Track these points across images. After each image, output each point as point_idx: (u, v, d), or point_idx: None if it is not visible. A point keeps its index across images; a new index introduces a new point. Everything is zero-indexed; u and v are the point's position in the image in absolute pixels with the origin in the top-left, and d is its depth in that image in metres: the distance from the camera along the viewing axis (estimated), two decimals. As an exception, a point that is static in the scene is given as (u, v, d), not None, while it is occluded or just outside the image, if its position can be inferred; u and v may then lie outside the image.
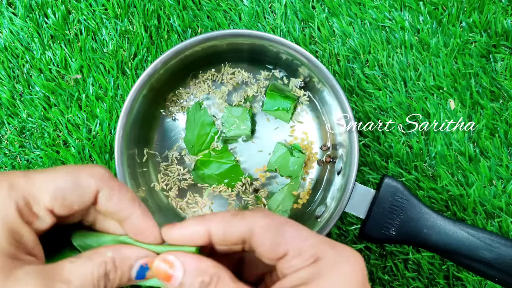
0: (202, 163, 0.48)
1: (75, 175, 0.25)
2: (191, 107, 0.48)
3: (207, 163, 0.48)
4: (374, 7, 0.50)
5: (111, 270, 0.25)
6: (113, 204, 0.26)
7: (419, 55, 0.49)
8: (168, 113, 0.48)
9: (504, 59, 0.49)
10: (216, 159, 0.48)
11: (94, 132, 0.49)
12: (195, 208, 0.48)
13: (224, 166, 0.48)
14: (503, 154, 0.48)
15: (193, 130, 0.48)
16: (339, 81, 0.50)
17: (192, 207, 0.48)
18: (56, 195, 0.24)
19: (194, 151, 0.48)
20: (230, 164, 0.48)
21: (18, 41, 0.50)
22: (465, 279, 0.48)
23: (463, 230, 0.40)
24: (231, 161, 0.48)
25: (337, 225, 0.49)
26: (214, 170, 0.48)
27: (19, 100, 0.50)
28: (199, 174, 0.48)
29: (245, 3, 0.50)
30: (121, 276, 0.25)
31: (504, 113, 0.49)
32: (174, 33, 0.50)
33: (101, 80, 0.49)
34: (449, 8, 0.49)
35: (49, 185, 0.24)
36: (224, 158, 0.48)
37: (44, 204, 0.24)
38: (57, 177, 0.25)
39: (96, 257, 0.25)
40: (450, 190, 0.48)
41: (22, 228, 0.24)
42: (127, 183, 0.43)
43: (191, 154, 0.48)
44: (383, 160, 0.49)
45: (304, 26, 0.50)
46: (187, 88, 0.49)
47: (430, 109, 0.49)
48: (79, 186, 0.25)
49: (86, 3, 0.50)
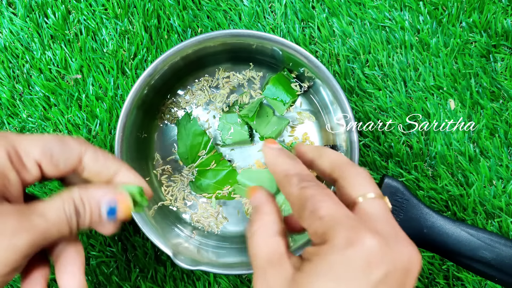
0: (199, 173, 0.48)
1: (62, 138, 0.28)
2: (181, 119, 0.48)
3: (204, 173, 0.48)
4: (374, 7, 0.50)
5: (79, 205, 0.27)
6: (100, 164, 0.29)
7: (419, 55, 0.49)
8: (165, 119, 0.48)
9: (504, 59, 0.49)
10: (212, 168, 0.48)
11: (94, 132, 0.49)
12: (210, 219, 0.48)
13: (221, 174, 0.48)
14: (503, 154, 0.48)
15: (185, 142, 0.48)
16: (339, 81, 0.50)
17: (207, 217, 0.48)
18: (45, 150, 0.27)
19: (189, 163, 0.48)
20: (227, 170, 0.48)
21: (18, 41, 0.50)
22: (465, 279, 0.48)
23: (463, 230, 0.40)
24: (227, 167, 0.48)
25: (337, 225, 0.49)
26: (211, 178, 0.48)
27: (19, 100, 0.50)
28: (197, 184, 0.48)
29: (245, 3, 0.50)
30: (91, 213, 0.27)
31: (504, 113, 0.49)
32: (174, 33, 0.50)
33: (101, 80, 0.49)
34: (449, 8, 0.49)
35: (39, 141, 0.27)
36: (219, 165, 0.48)
37: (33, 156, 0.27)
38: (46, 137, 0.28)
39: (64, 194, 0.27)
40: (450, 190, 0.48)
41: (10, 172, 0.26)
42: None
43: (186, 166, 0.48)
44: (383, 160, 0.49)
45: (304, 26, 0.50)
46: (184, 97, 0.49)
47: (430, 109, 0.49)
48: (66, 146, 0.28)
49: (86, 3, 0.50)
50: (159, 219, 0.45)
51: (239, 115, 0.47)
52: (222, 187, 0.48)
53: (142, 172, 0.47)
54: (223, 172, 0.48)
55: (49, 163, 0.27)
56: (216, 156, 0.48)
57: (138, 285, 0.49)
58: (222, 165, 0.48)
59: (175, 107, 0.48)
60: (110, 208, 0.27)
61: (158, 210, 0.46)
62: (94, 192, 0.27)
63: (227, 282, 0.48)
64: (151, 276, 0.49)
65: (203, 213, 0.48)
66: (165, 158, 0.48)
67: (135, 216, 0.42)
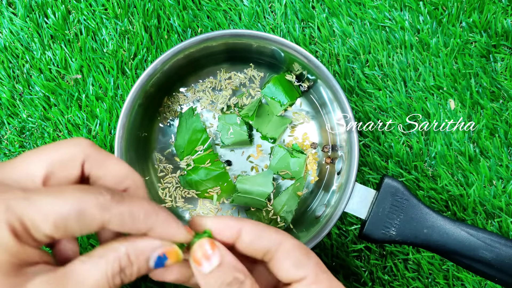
0: (191, 169, 0.48)
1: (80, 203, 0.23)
2: (184, 112, 0.48)
3: (196, 169, 0.48)
4: (374, 7, 0.50)
5: (126, 265, 0.24)
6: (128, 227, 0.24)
7: (419, 55, 0.49)
8: (163, 119, 0.48)
9: (504, 59, 0.49)
10: (205, 166, 0.48)
11: (94, 132, 0.49)
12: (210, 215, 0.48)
13: (213, 173, 0.48)
14: (503, 154, 0.48)
15: (184, 135, 0.48)
16: (339, 81, 0.50)
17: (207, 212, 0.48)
18: (57, 224, 0.22)
19: (183, 157, 0.48)
20: (219, 171, 0.48)
21: (18, 41, 0.50)
22: (465, 279, 0.48)
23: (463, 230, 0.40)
24: (220, 168, 0.48)
25: (337, 225, 0.49)
26: (202, 176, 0.48)
27: (19, 100, 0.50)
28: (187, 179, 0.48)
29: (245, 3, 0.50)
30: (138, 269, 0.24)
31: (504, 113, 0.49)
32: (174, 33, 0.50)
33: (101, 80, 0.49)
34: (449, 8, 0.49)
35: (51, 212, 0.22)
36: (213, 165, 0.48)
37: (43, 232, 0.22)
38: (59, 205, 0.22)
39: (109, 254, 0.23)
40: (450, 190, 0.48)
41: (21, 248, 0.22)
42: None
43: (180, 159, 0.48)
44: (383, 160, 0.49)
45: (304, 26, 0.50)
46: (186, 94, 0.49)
47: (430, 109, 0.49)
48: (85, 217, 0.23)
49: (86, 3, 0.50)
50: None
51: (238, 115, 0.47)
52: (212, 186, 0.47)
53: (142, 172, 0.47)
54: (215, 172, 0.48)
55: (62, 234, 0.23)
56: (212, 155, 0.48)
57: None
58: (216, 165, 0.48)
59: (176, 104, 0.48)
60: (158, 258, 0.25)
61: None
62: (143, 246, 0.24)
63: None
64: (151, 276, 0.49)
65: (202, 209, 0.48)
66: (164, 155, 0.48)
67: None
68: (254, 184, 0.47)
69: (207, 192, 0.48)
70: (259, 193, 0.47)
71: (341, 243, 0.49)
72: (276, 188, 0.48)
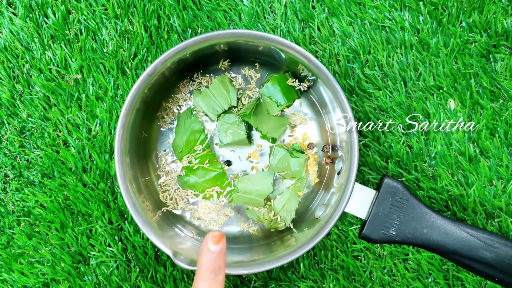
0: (188, 169, 0.48)
1: None
2: (182, 112, 0.48)
3: (194, 170, 0.48)
4: (374, 7, 0.50)
5: None
6: None
7: (419, 55, 0.49)
8: (162, 122, 0.48)
9: (504, 59, 0.49)
10: (202, 167, 0.48)
11: (94, 132, 0.49)
12: (211, 214, 0.48)
13: (210, 174, 0.48)
14: (503, 154, 0.48)
15: (182, 135, 0.48)
16: (339, 81, 0.50)
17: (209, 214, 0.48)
18: None
19: (181, 157, 0.48)
20: (217, 172, 0.48)
21: (18, 41, 0.50)
22: (465, 279, 0.48)
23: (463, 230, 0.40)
24: (219, 169, 0.48)
25: (337, 225, 0.49)
26: (200, 177, 0.48)
27: (19, 100, 0.50)
28: (184, 180, 0.48)
29: (245, 3, 0.50)
30: None
31: (504, 113, 0.49)
32: (174, 33, 0.50)
33: (101, 80, 0.49)
34: (449, 8, 0.49)
35: None
36: (211, 166, 0.48)
37: None
38: None
39: None
40: (450, 190, 0.48)
41: None
42: (127, 182, 0.42)
43: (178, 159, 0.48)
44: (383, 160, 0.49)
45: (304, 26, 0.50)
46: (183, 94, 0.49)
47: (430, 109, 0.49)
48: None
49: (86, 3, 0.50)
50: (158, 219, 0.45)
51: (237, 115, 0.47)
52: (209, 187, 0.48)
53: (142, 172, 0.47)
54: (213, 173, 0.48)
55: None
56: (210, 155, 0.48)
57: (138, 285, 0.49)
58: (214, 166, 0.48)
59: (175, 105, 0.48)
60: None
61: (157, 209, 0.46)
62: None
63: (227, 282, 0.48)
64: (151, 276, 0.49)
65: (204, 209, 0.48)
66: (164, 156, 0.48)
67: (134, 216, 0.42)
68: (254, 184, 0.47)
69: (205, 192, 0.48)
70: (259, 193, 0.47)
71: (341, 243, 0.49)
72: (276, 188, 0.48)
